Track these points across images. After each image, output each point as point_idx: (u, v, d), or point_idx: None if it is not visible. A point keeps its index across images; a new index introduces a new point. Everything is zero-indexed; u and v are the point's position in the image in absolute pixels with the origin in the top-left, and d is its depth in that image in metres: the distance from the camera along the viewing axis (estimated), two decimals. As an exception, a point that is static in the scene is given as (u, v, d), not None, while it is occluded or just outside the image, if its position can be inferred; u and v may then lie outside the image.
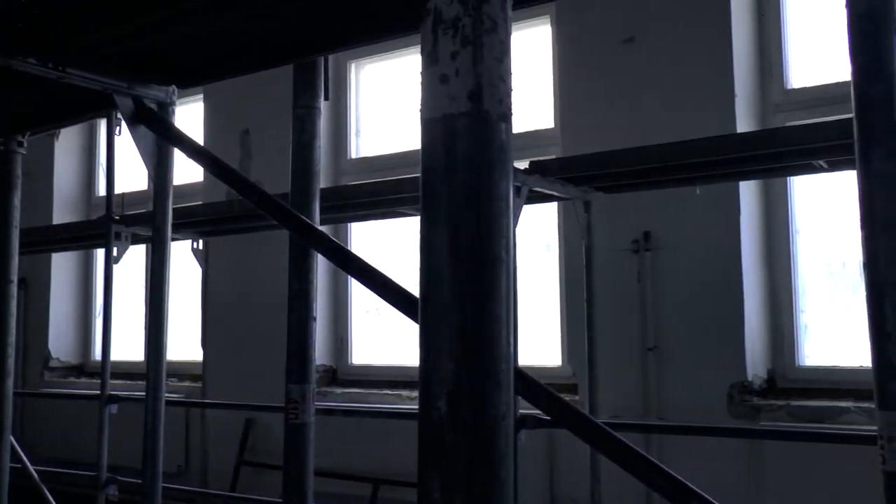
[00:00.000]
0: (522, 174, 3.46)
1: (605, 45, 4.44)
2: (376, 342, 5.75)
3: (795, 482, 3.73)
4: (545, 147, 4.72)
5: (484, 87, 1.00)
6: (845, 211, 4.19)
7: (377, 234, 5.64)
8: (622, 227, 4.26)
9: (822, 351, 4.34)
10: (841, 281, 4.37)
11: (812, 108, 4.16)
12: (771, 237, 4.27)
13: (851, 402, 3.81)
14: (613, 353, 4.18)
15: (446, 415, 0.98)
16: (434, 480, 1.01)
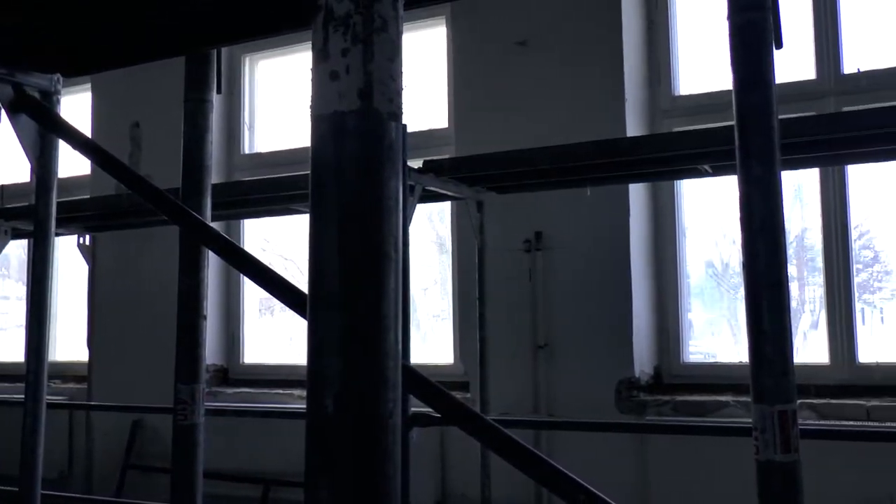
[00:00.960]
0: (416, 173, 3.48)
1: (499, 47, 4.49)
2: (270, 341, 5.67)
3: (680, 473, 3.86)
4: (440, 147, 4.75)
5: (374, 85, 1.00)
6: (728, 214, 4.37)
7: (282, 232, 5.58)
8: (514, 227, 4.32)
9: (705, 348, 4.51)
10: (723, 281, 4.54)
11: (698, 114, 4.31)
12: (659, 238, 4.41)
13: (731, 397, 3.96)
14: (505, 350, 4.24)
15: (333, 413, 0.97)
16: (321, 480, 1.01)
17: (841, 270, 4.07)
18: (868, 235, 4.38)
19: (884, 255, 4.41)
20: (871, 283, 4.45)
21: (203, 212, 2.32)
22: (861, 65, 4.11)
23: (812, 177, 4.22)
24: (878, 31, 4.21)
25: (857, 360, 4.01)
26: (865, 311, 4.40)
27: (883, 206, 4.29)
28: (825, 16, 4.16)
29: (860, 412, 3.71)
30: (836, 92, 4.11)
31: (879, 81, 4.05)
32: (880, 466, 3.55)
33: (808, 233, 4.32)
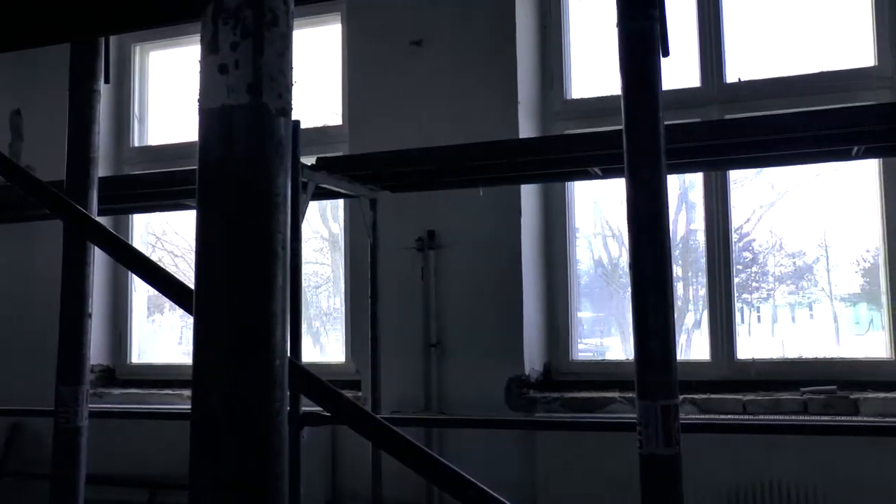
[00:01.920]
0: (309, 170, 3.44)
1: (395, 45, 4.49)
2: (159, 340, 5.53)
3: (569, 468, 3.94)
4: (335, 144, 4.72)
5: (263, 79, 0.99)
6: (617, 215, 4.49)
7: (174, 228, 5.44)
8: (407, 226, 4.33)
9: (594, 346, 4.62)
10: (613, 280, 4.66)
11: (590, 118, 4.41)
12: (549, 238, 4.49)
13: (618, 393, 4.07)
14: (397, 349, 4.25)
15: (218, 413, 0.96)
16: (206, 481, 0.99)
17: (722, 271, 4.23)
18: (748, 238, 4.57)
19: (761, 258, 4.61)
20: (750, 283, 4.64)
21: (89, 206, 2.24)
22: (742, 75, 4.28)
23: (698, 181, 4.37)
24: (758, 43, 4.39)
25: (736, 357, 4.18)
26: (745, 311, 4.59)
27: (761, 211, 4.48)
28: (709, 26, 4.32)
29: (737, 406, 3.87)
30: (720, 100, 4.26)
31: (759, 91, 4.22)
32: (754, 456, 3.71)
33: (694, 235, 4.47)
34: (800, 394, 3.86)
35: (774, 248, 4.60)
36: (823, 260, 4.54)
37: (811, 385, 3.90)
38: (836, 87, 4.10)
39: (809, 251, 4.54)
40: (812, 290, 4.63)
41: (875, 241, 4.17)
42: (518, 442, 4.08)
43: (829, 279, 4.58)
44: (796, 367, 4.13)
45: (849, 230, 4.37)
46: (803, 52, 4.31)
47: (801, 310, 4.67)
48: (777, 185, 4.49)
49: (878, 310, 4.18)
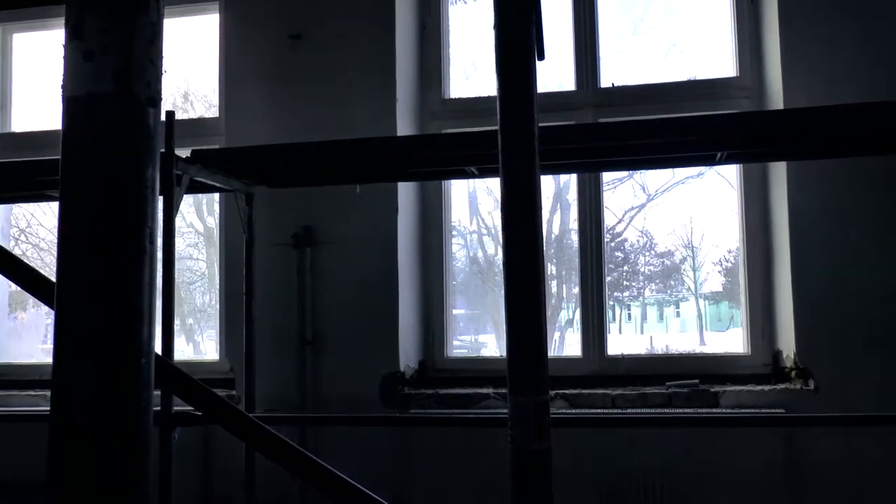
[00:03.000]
0: (184, 163, 3.35)
1: (273, 38, 4.42)
2: (21, 339, 5.27)
3: (444, 464, 3.97)
4: (212, 136, 4.60)
5: (132, 67, 0.96)
6: (494, 214, 4.55)
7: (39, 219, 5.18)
8: (283, 222, 4.27)
9: (469, 343, 4.68)
10: (488, 278, 4.72)
11: (467, 117, 4.45)
12: (426, 235, 4.51)
13: (492, 389, 4.13)
14: (272, 346, 4.19)
15: (79, 413, 0.93)
16: (66, 484, 0.95)
17: (594, 270, 4.34)
18: (620, 238, 4.71)
19: (632, 257, 4.76)
20: (622, 282, 4.79)
21: (-60, 195, 2.12)
22: (616, 80, 4.41)
23: (573, 182, 4.48)
24: (631, 50, 4.53)
25: (606, 353, 4.30)
26: (616, 308, 4.73)
27: (632, 212, 4.63)
28: (584, 32, 4.43)
29: (606, 400, 3.99)
30: (594, 104, 4.38)
31: (631, 96, 4.35)
32: (623, 449, 3.83)
33: (569, 235, 4.58)
34: (665, 388, 4.00)
35: (645, 248, 4.76)
36: (690, 260, 4.73)
37: (676, 379, 4.05)
38: (702, 96, 4.28)
39: (677, 252, 4.72)
40: (679, 288, 4.82)
41: (735, 243, 4.37)
42: (394, 439, 4.09)
43: (694, 278, 4.77)
44: (663, 362, 4.29)
45: (713, 232, 4.57)
46: (673, 61, 4.48)
47: (668, 308, 4.85)
48: (648, 188, 4.65)
49: (738, 308, 4.39)
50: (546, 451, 1.84)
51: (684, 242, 4.69)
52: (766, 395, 3.87)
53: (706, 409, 3.85)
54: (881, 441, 3.71)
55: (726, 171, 4.38)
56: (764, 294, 4.19)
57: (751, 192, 4.25)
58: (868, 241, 3.83)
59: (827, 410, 3.67)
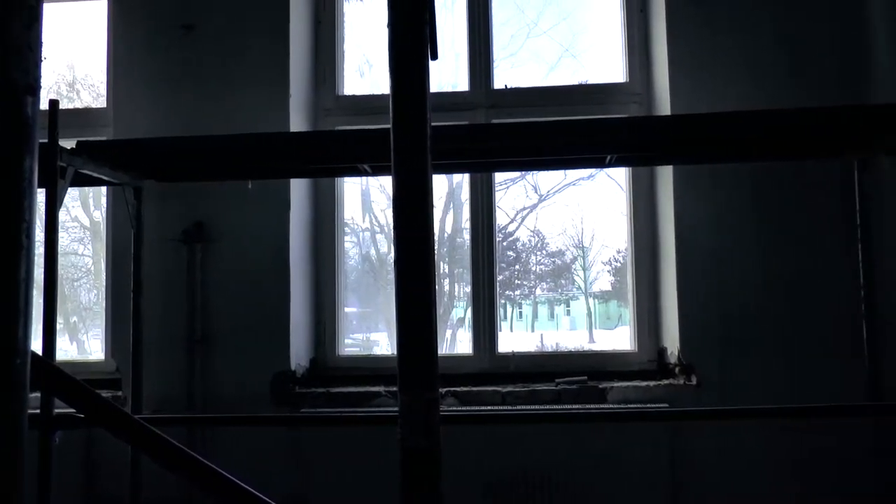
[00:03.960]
0: (68, 154, 3.23)
1: (164, 27, 4.30)
2: None
3: (336, 463, 3.94)
4: (99, 128, 4.45)
5: (8, 53, 0.92)
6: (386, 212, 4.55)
7: None
8: (173, 217, 4.17)
9: (361, 340, 4.66)
10: (381, 276, 4.72)
11: (361, 115, 4.44)
12: (319, 233, 4.48)
13: (383, 387, 4.13)
14: (160, 345, 4.09)
15: (-53, 413, 0.89)
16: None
17: (486, 269, 4.40)
18: (512, 238, 4.77)
19: (524, 256, 4.83)
20: (513, 280, 4.85)
21: None
22: (509, 82, 4.47)
23: (466, 182, 4.51)
24: (526, 53, 4.60)
25: (497, 351, 4.36)
26: (507, 307, 4.80)
27: (524, 212, 4.69)
28: (479, 34, 4.47)
29: (496, 397, 4.04)
30: (487, 105, 4.43)
31: (524, 98, 4.42)
32: (513, 445, 3.89)
33: (461, 234, 4.61)
34: (554, 385, 4.08)
35: (536, 247, 4.83)
36: (580, 260, 4.83)
37: (566, 376, 4.14)
38: (594, 100, 4.38)
39: (568, 252, 4.81)
40: (569, 287, 4.91)
41: (624, 244, 4.49)
42: (285, 438, 4.04)
43: (584, 278, 4.87)
44: (552, 359, 4.37)
45: (603, 233, 4.68)
46: (566, 66, 4.56)
47: (559, 306, 4.94)
48: (540, 189, 4.72)
49: (626, 306, 4.51)
50: (435, 449, 1.85)
51: (575, 242, 4.78)
52: (651, 391, 3.99)
53: (594, 405, 3.95)
54: (757, 432, 3.89)
55: (616, 173, 4.50)
56: (650, 293, 4.32)
57: (639, 194, 4.37)
58: (749, 244, 4.00)
59: (708, 404, 3.81)
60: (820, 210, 3.97)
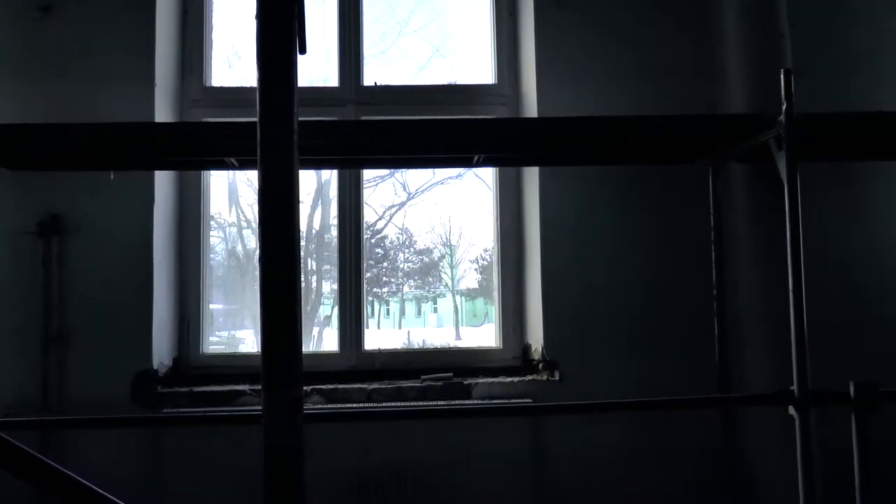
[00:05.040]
0: None
1: (19, 8, 4.09)
2: None
3: (199, 463, 3.85)
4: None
5: None
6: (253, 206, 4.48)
7: None
8: (28, 208, 3.98)
9: (226, 338, 4.58)
10: (247, 272, 4.65)
11: (230, 107, 4.35)
12: (184, 227, 4.36)
13: (248, 386, 4.07)
14: (13, 344, 3.90)
15: None
16: None
17: (353, 266, 4.39)
18: (380, 235, 4.78)
19: (392, 254, 4.85)
20: (381, 278, 4.86)
21: None
22: (379, 79, 4.47)
23: (334, 177, 4.49)
24: (396, 51, 4.62)
25: (363, 348, 4.36)
26: (375, 304, 4.80)
27: (393, 210, 4.71)
28: (349, 29, 4.46)
29: (362, 395, 4.04)
30: (356, 101, 4.42)
31: (394, 96, 4.43)
32: (378, 443, 3.90)
33: (330, 230, 4.59)
34: (420, 381, 4.11)
35: (404, 245, 4.86)
36: (448, 258, 4.88)
37: (432, 373, 4.18)
38: (462, 100, 4.44)
39: (435, 249, 4.86)
40: (437, 285, 4.97)
41: (491, 242, 4.57)
42: (146, 439, 3.92)
43: (452, 276, 4.93)
44: (419, 356, 4.40)
45: (470, 231, 4.75)
46: (436, 65, 4.61)
47: (426, 303, 4.99)
48: (409, 187, 4.75)
49: (492, 304, 4.59)
50: (298, 447, 1.84)
51: (443, 240, 4.83)
52: (515, 386, 4.08)
53: (458, 402, 4.00)
54: (617, 425, 4.04)
55: (484, 173, 4.57)
56: (516, 291, 4.41)
57: (506, 194, 4.46)
58: (611, 244, 4.14)
59: (570, 399, 3.92)
60: (679, 213, 4.15)
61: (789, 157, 3.12)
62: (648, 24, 4.24)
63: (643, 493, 4.07)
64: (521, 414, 3.88)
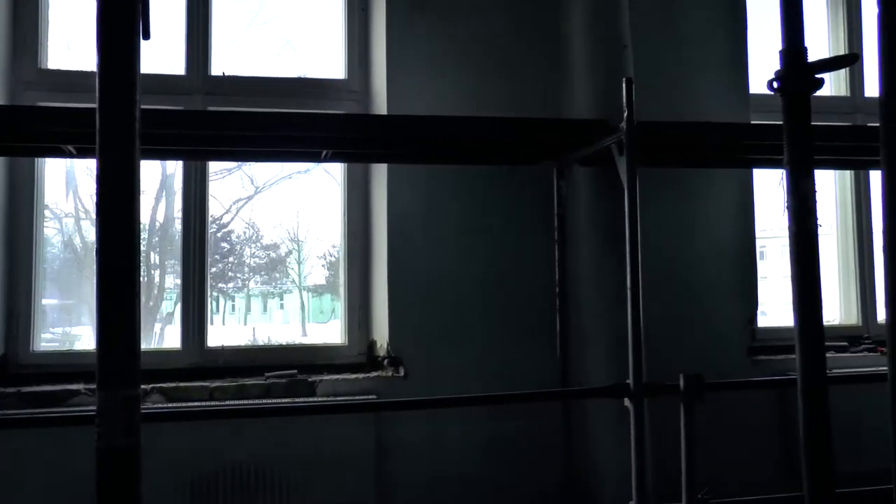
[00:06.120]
0: None
1: None
2: None
3: (29, 467, 3.65)
4: None
5: None
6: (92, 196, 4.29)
7: None
8: None
9: (61, 334, 4.37)
10: (86, 266, 4.45)
11: (68, 91, 4.15)
12: (14, 217, 4.13)
13: (82, 385, 3.89)
14: None
15: None
16: None
17: (197, 261, 4.27)
18: (226, 229, 4.68)
19: (238, 248, 4.76)
20: (227, 273, 4.76)
21: None
22: (227, 69, 4.37)
23: (179, 169, 4.36)
24: (246, 41, 4.52)
25: (206, 345, 4.25)
26: (220, 300, 4.69)
27: (240, 203, 4.62)
28: (198, 17, 4.33)
29: (204, 393, 3.94)
30: (204, 91, 4.30)
31: (243, 87, 4.34)
32: (221, 442, 3.81)
33: (174, 224, 4.45)
34: (264, 379, 4.06)
35: (251, 240, 4.78)
36: (295, 253, 4.83)
37: (277, 370, 4.12)
38: (312, 94, 4.40)
39: (283, 245, 4.80)
40: (284, 281, 4.90)
41: (338, 239, 4.55)
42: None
43: (299, 271, 4.88)
44: (264, 353, 4.34)
45: (318, 227, 4.71)
46: (286, 58, 4.54)
47: (273, 299, 4.92)
48: (256, 180, 4.67)
49: (338, 300, 4.57)
50: (135, 448, 1.78)
51: (290, 236, 4.78)
52: (360, 383, 4.08)
53: (302, 399, 3.97)
54: (460, 419, 4.10)
55: (332, 168, 4.54)
56: (362, 287, 4.42)
57: (354, 190, 4.45)
58: (458, 240, 4.22)
59: (415, 395, 3.96)
60: (527, 212, 4.27)
61: (629, 162, 3.26)
62: (501, 27, 4.33)
63: (488, 486, 4.16)
64: (363, 411, 3.89)
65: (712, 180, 4.45)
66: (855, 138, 3.92)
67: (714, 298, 4.43)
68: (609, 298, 3.90)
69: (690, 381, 3.30)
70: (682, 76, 4.46)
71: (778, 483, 4.22)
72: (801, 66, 1.97)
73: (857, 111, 5.12)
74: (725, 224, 4.50)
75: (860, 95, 5.16)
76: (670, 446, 3.40)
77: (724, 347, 4.40)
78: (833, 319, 5.08)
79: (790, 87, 1.98)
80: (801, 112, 1.98)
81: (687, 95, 4.42)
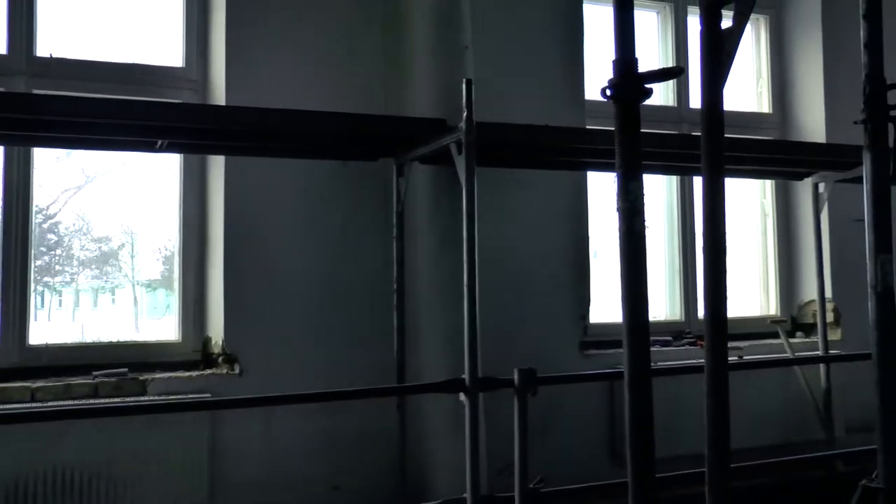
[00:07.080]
0: None
1: None
2: None
3: None
4: None
5: None
6: None
7: None
8: None
9: None
10: None
11: None
12: None
13: None
14: None
15: None
16: None
17: (19, 253, 4.04)
18: (53, 220, 4.46)
19: (67, 241, 4.54)
20: (53, 266, 4.53)
21: None
22: (56, 51, 4.15)
23: None
24: (74, 22, 4.31)
25: (28, 343, 4.03)
26: (46, 295, 4.46)
27: (69, 194, 4.41)
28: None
29: (25, 394, 3.73)
30: (28, 73, 4.07)
31: (71, 71, 4.14)
32: (42, 445, 3.62)
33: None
34: (92, 378, 3.89)
35: (81, 231, 4.58)
36: (129, 246, 4.66)
37: (107, 368, 3.97)
38: (149, 81, 4.26)
39: (115, 237, 4.62)
40: (116, 275, 4.72)
41: (174, 232, 4.41)
42: None
43: (132, 265, 4.71)
44: (93, 351, 4.17)
45: (153, 219, 4.56)
46: (120, 42, 4.36)
47: (103, 294, 4.73)
48: (87, 169, 4.47)
49: (173, 295, 4.44)
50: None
51: (124, 228, 4.61)
52: (194, 381, 3.99)
53: (132, 398, 3.83)
54: (297, 416, 4.05)
55: (169, 159, 4.39)
56: (197, 282, 4.31)
57: (190, 182, 4.34)
58: (296, 236, 4.19)
59: (251, 392, 3.89)
60: (367, 208, 4.29)
61: (468, 161, 3.32)
62: (346, 22, 4.32)
63: (324, 484, 4.14)
64: (196, 409, 3.79)
65: (550, 182, 4.58)
66: (680, 146, 4.15)
67: (549, 296, 4.57)
68: (446, 296, 3.96)
69: (524, 375, 3.40)
70: (521, 80, 4.57)
71: (609, 471, 4.40)
72: (631, 75, 2.06)
73: (682, 121, 5.41)
74: (561, 224, 4.65)
75: (686, 106, 5.45)
76: (506, 440, 3.48)
77: (558, 343, 4.55)
78: (658, 315, 5.33)
79: (622, 95, 2.07)
80: (632, 119, 2.07)
81: (526, 98, 4.53)
